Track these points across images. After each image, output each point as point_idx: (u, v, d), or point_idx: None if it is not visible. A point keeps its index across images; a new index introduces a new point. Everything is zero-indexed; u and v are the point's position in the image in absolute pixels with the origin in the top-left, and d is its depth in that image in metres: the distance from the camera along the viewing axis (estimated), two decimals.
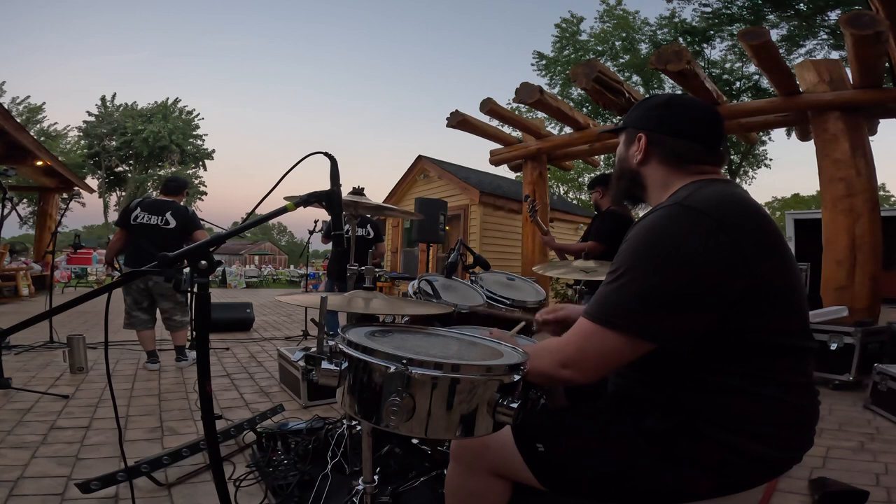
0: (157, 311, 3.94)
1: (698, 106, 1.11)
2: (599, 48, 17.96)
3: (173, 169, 30.40)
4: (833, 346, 3.63)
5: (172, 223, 3.80)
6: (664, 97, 1.15)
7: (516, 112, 8.94)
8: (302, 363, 3.06)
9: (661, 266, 0.89)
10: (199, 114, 32.71)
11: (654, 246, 0.92)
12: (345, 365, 0.85)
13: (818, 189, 4.87)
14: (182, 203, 4.02)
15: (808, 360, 0.98)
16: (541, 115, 6.91)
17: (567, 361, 0.95)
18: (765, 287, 0.90)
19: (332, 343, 0.91)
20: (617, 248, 0.99)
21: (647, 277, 0.90)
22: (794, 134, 6.31)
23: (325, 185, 1.18)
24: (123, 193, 30.35)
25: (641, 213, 1.09)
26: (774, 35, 8.06)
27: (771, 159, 20.18)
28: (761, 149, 18.84)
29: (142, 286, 3.80)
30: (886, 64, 4.17)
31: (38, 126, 26.69)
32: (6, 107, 9.07)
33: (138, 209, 3.80)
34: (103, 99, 30.10)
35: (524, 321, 1.65)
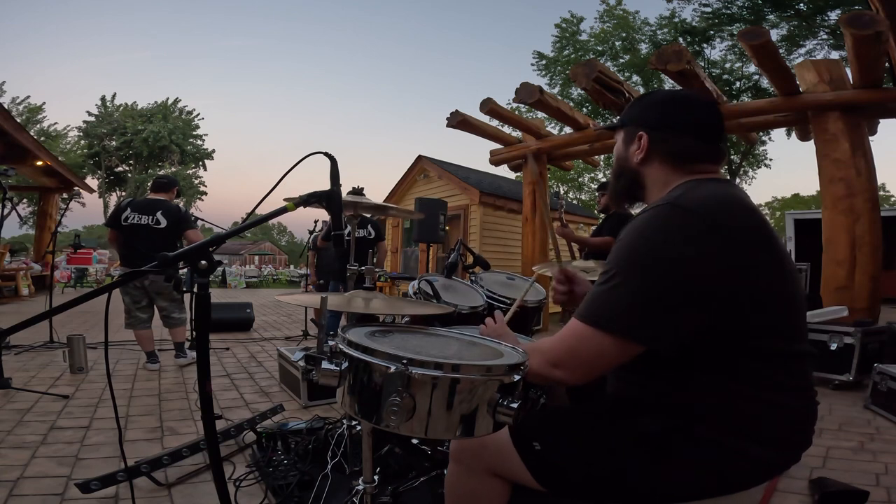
0: (155, 309, 3.95)
1: (699, 102, 1.08)
2: (599, 48, 18.00)
3: (173, 169, 30.42)
4: (833, 346, 3.62)
5: (163, 223, 3.78)
6: (663, 93, 1.11)
7: (516, 112, 8.93)
8: (302, 363, 3.06)
9: (651, 267, 0.88)
10: (199, 114, 32.82)
11: (644, 247, 0.91)
12: (345, 365, 0.85)
13: (818, 189, 4.87)
14: (174, 201, 4.03)
15: (805, 364, 0.96)
16: (541, 115, 6.91)
17: (557, 361, 0.94)
18: (758, 289, 0.89)
19: (331, 343, 0.91)
20: None
21: (637, 279, 0.89)
22: (794, 134, 6.31)
23: (325, 185, 1.17)
24: (123, 193, 30.33)
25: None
26: (774, 35, 8.06)
27: (771, 159, 20.25)
28: (761, 149, 18.87)
29: (138, 284, 3.80)
30: (886, 64, 4.17)
31: (38, 126, 26.71)
32: (6, 107, 9.07)
33: (129, 210, 3.79)
34: (103, 99, 30.18)
35: (519, 307, 1.65)
